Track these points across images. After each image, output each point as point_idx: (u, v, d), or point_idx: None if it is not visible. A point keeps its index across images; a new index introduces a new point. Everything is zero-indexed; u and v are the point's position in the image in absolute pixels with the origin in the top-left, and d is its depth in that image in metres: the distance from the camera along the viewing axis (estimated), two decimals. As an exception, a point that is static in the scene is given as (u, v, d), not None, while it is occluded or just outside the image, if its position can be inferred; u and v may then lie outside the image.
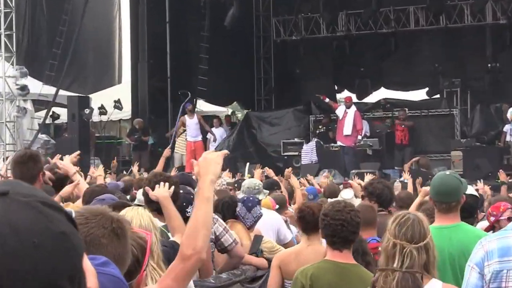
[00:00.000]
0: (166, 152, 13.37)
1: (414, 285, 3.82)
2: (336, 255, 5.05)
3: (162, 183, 5.62)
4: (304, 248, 6.18)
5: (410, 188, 11.61)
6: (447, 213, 5.12)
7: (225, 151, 3.78)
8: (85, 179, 9.39)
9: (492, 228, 6.64)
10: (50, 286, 1.33)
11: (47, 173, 6.85)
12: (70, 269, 1.37)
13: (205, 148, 24.09)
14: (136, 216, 4.11)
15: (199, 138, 22.64)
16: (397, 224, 4.02)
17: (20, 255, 1.30)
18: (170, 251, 4.39)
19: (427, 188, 5.73)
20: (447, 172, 5.51)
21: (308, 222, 6.11)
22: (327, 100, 23.32)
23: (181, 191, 6.01)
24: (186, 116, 22.20)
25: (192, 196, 5.66)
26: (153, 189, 5.69)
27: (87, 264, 1.60)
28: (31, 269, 1.30)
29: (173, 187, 5.71)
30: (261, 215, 7.90)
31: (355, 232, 5.05)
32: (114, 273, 2.36)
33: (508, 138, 21.68)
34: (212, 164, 3.40)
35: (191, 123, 22.41)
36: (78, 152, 8.32)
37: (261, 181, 10.97)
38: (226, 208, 7.86)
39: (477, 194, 6.71)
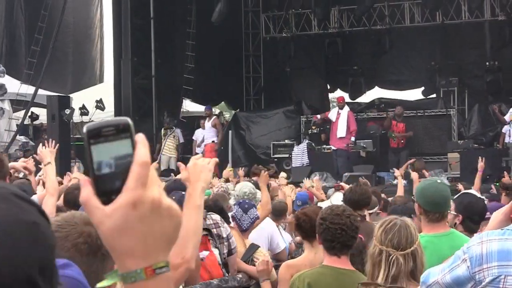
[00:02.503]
0: (154, 165, 12.98)
1: None
2: (334, 260, 4.99)
3: None
4: (313, 257, 6.05)
5: (400, 191, 11.46)
6: (439, 221, 5.11)
7: (216, 159, 3.68)
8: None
9: None
10: (21, 277, 1.34)
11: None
12: (41, 259, 1.38)
13: (192, 150, 23.57)
14: None
15: (210, 140, 22.91)
16: (383, 230, 3.96)
17: None
18: None
19: None
20: (438, 180, 5.39)
21: (306, 229, 6.09)
22: (318, 117, 22.69)
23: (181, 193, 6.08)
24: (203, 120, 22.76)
25: None
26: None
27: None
28: (1, 257, 1.33)
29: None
30: (258, 217, 7.78)
31: (354, 236, 4.99)
32: (71, 274, 2.27)
33: (507, 139, 21.38)
34: (204, 171, 3.39)
35: (206, 126, 22.90)
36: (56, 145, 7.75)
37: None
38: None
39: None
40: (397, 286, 3.81)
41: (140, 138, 1.39)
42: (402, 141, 22.65)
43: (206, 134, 23.12)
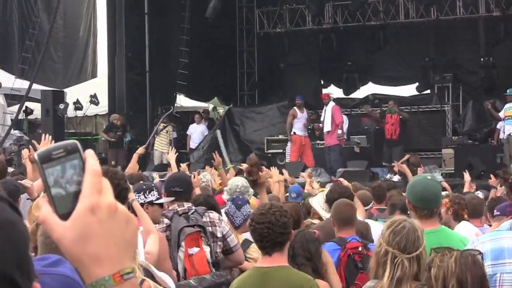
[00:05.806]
0: (140, 150, 12.97)
1: (475, 265, 3.57)
2: (265, 260, 4.95)
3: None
4: None
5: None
6: (428, 218, 5.05)
7: None
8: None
9: None
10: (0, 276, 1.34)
11: None
12: (18, 257, 1.38)
13: (186, 145, 23.54)
14: None
15: (307, 133, 22.16)
16: (391, 232, 3.95)
17: None
18: None
19: None
20: (428, 177, 5.37)
21: None
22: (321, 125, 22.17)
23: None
24: (296, 109, 21.78)
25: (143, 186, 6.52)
26: None
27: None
28: None
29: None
30: (251, 214, 7.30)
31: (283, 233, 4.88)
32: (63, 272, 2.16)
33: (501, 135, 21.20)
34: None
35: (302, 117, 21.86)
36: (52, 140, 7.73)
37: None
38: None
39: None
40: (473, 250, 3.79)
41: (88, 152, 1.43)
42: (396, 132, 22.39)
43: (301, 126, 21.76)
